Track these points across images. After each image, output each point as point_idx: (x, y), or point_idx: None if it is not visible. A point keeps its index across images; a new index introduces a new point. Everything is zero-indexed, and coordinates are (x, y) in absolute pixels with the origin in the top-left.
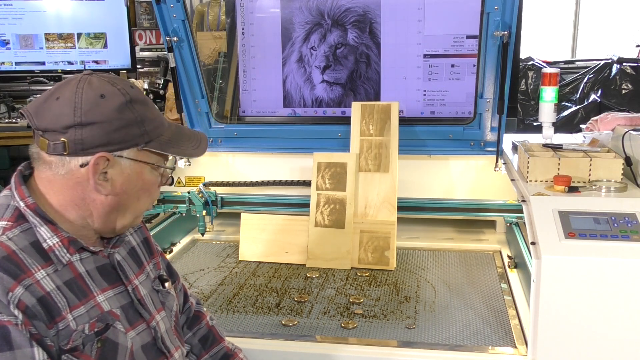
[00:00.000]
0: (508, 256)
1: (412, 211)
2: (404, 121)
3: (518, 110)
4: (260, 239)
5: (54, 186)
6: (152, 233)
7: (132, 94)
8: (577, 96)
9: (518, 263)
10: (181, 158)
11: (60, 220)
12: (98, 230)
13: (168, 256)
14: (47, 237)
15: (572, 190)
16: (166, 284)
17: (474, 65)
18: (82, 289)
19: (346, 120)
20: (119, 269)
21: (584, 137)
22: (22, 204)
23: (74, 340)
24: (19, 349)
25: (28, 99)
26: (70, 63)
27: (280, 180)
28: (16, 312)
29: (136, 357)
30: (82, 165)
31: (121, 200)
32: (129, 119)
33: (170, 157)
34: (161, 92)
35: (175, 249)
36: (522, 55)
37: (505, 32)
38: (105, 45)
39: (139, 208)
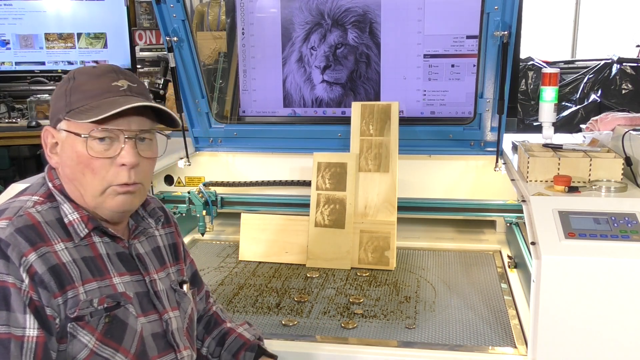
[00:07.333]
0: (508, 256)
1: (412, 211)
2: (404, 121)
3: (518, 110)
4: (260, 239)
5: None
6: None
7: (79, 70)
8: (577, 96)
9: (518, 263)
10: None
11: (78, 201)
12: (93, 214)
13: None
14: (69, 213)
15: (572, 190)
16: (184, 286)
17: (474, 65)
18: (99, 267)
19: (346, 120)
20: (138, 259)
21: (584, 137)
22: (50, 184)
23: (81, 309)
24: (13, 312)
25: (28, 99)
26: (70, 63)
27: (280, 180)
28: (24, 275)
29: (146, 343)
30: None
31: (69, 174)
32: (61, 93)
33: (95, 128)
34: (161, 92)
35: None
36: (522, 55)
37: (505, 32)
38: (105, 45)
39: (89, 185)
